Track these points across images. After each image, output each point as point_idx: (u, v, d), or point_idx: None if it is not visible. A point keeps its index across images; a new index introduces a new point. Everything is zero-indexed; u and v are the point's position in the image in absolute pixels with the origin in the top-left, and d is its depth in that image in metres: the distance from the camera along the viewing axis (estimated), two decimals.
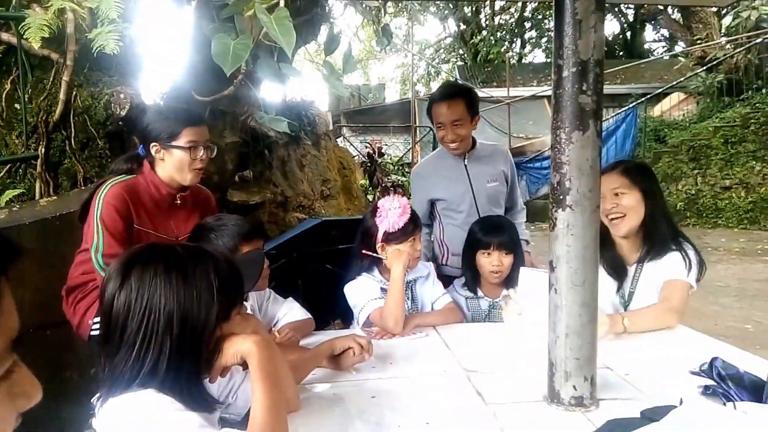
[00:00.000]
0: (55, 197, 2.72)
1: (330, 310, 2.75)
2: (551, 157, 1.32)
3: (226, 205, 4.36)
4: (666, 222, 1.99)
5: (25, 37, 2.63)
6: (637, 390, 1.43)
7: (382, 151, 9.39)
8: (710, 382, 1.34)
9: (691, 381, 1.43)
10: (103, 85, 2.92)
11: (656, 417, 1.07)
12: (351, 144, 9.99)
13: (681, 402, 1.08)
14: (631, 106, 11.53)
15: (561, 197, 1.29)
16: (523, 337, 1.84)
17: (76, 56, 2.85)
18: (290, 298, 2.06)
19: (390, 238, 2.02)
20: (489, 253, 2.19)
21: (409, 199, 2.36)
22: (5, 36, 2.80)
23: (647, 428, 0.97)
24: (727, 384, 1.28)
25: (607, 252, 2.04)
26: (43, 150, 2.78)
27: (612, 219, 1.97)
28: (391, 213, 2.01)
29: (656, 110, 12.45)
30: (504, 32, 17.45)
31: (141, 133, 2.08)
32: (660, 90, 11.97)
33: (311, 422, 1.28)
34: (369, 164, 8.25)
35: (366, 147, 9.24)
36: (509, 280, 2.22)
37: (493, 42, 16.45)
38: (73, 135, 2.85)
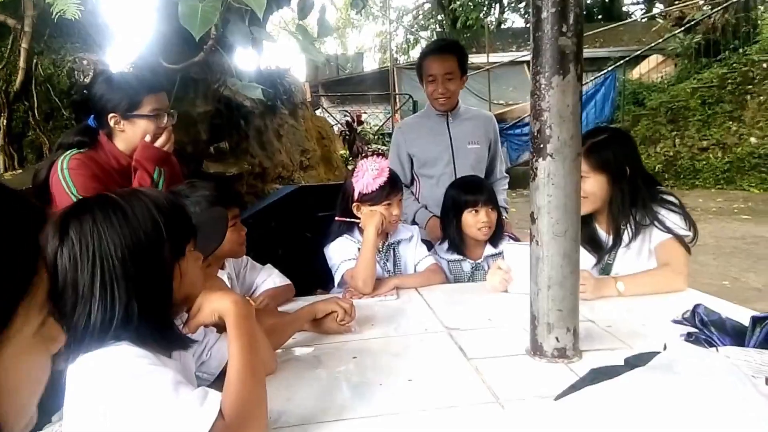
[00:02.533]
0: (21, 170, 2.61)
1: (311, 277, 2.72)
2: (530, 104, 1.27)
3: (202, 178, 4.26)
4: (639, 199, 1.90)
5: None
6: (619, 341, 1.43)
7: (362, 119, 9.26)
8: (693, 329, 1.34)
9: (674, 329, 1.43)
10: (65, 52, 2.79)
11: (640, 363, 1.05)
12: (330, 114, 9.83)
13: (665, 347, 1.06)
14: (609, 69, 11.50)
15: (541, 146, 1.25)
16: (506, 296, 1.84)
17: (35, 22, 2.70)
18: (268, 265, 2.02)
19: (364, 198, 1.98)
20: (477, 211, 2.16)
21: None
22: None
23: (632, 373, 0.95)
24: (709, 330, 1.27)
25: (582, 226, 2.00)
26: (4, 122, 2.66)
27: None
28: (367, 174, 1.97)
29: (635, 73, 12.45)
30: None
31: (96, 105, 1.94)
32: (638, 52, 11.94)
33: (290, 385, 1.25)
34: (348, 133, 8.12)
35: (345, 116, 9.10)
36: (493, 238, 2.21)
37: (471, 7, 16.20)
38: (36, 105, 2.73)
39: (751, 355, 1.16)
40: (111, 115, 1.85)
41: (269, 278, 1.95)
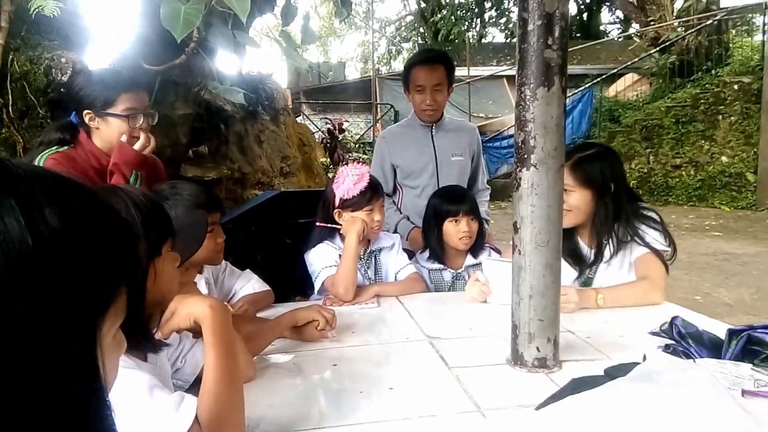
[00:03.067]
0: None
1: (291, 284, 2.69)
2: (515, 115, 1.28)
3: (180, 181, 4.20)
4: (622, 215, 1.91)
5: None
6: (599, 351, 1.44)
7: (343, 127, 9.27)
8: (670, 341, 1.36)
9: (652, 341, 1.44)
10: (42, 50, 2.73)
11: (620, 374, 1.06)
12: (311, 122, 9.81)
13: (644, 358, 1.07)
14: (587, 86, 11.73)
15: (525, 156, 1.26)
16: (486, 306, 1.84)
17: (12, 17, 2.64)
18: (247, 270, 1.99)
19: (346, 204, 1.97)
20: (457, 220, 2.17)
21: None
22: None
23: (613, 383, 0.95)
24: (687, 342, 1.29)
25: (564, 239, 2.01)
26: None
27: None
28: (348, 179, 1.96)
29: (611, 90, 12.72)
30: (464, 11, 17.40)
31: (73, 99, 1.90)
32: (615, 71, 12.21)
33: (269, 391, 1.22)
34: (329, 141, 8.11)
35: (327, 124, 9.09)
36: (474, 248, 2.22)
37: (453, 21, 16.39)
38: (11, 102, 2.65)
39: (727, 368, 1.18)
40: (86, 111, 1.81)
41: (248, 284, 1.92)
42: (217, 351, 0.94)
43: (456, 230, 2.17)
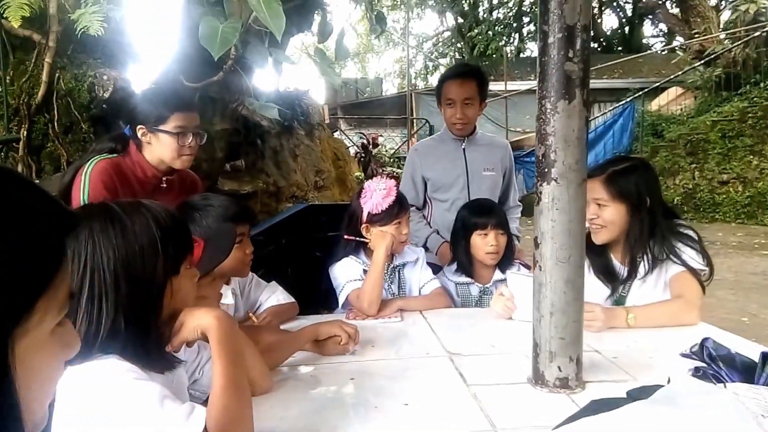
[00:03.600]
0: (37, 181, 2.65)
1: (318, 297, 2.71)
2: (536, 129, 1.26)
3: (216, 194, 4.30)
4: (657, 230, 1.85)
5: (4, 16, 2.57)
6: (625, 372, 1.39)
7: (377, 142, 9.33)
8: (701, 363, 1.30)
9: (682, 363, 1.38)
10: (87, 68, 2.86)
11: (643, 396, 1.02)
12: (347, 137, 9.92)
13: (669, 381, 1.03)
14: (628, 100, 11.48)
15: (546, 170, 1.23)
16: (510, 322, 1.80)
17: (59, 37, 2.78)
18: (273, 282, 2.01)
19: (374, 219, 1.97)
20: (485, 234, 2.14)
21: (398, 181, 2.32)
22: None
23: (632, 405, 0.92)
24: (717, 365, 1.23)
25: (597, 256, 1.97)
26: (25, 133, 2.72)
27: (592, 227, 1.90)
28: (376, 194, 1.97)
29: (654, 105, 12.40)
30: (502, 26, 17.35)
31: (128, 114, 2.00)
32: (657, 84, 11.90)
33: (284, 403, 1.23)
34: (363, 155, 8.17)
35: (361, 138, 9.17)
36: (502, 263, 2.18)
37: (491, 36, 16.36)
38: (56, 118, 2.79)
39: (760, 393, 1.12)
40: (139, 126, 1.90)
41: (273, 295, 1.94)
42: (224, 361, 0.95)
43: (483, 243, 2.15)
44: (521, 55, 19.08)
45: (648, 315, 1.77)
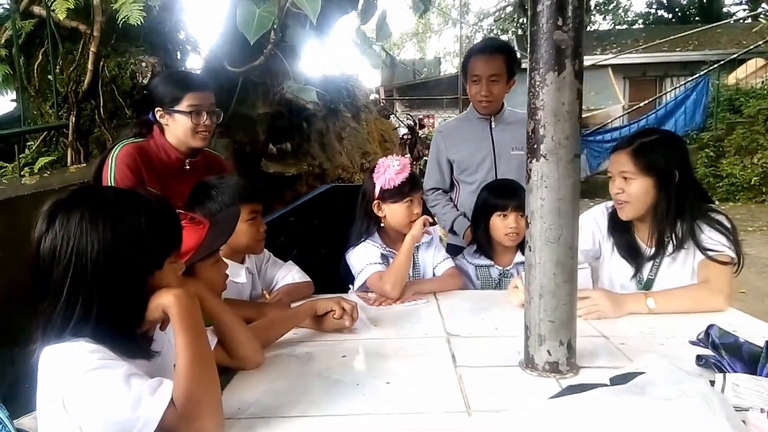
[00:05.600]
0: (84, 164, 2.82)
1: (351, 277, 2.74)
2: (527, 102, 1.21)
3: (260, 177, 4.41)
4: (686, 208, 1.76)
5: (52, 9, 2.72)
6: (627, 359, 1.32)
7: (424, 123, 9.24)
8: (707, 351, 1.22)
9: (691, 351, 1.30)
10: (129, 56, 2.99)
11: (623, 383, 0.97)
12: (398, 118, 9.86)
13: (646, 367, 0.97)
14: (701, 73, 10.72)
15: (535, 146, 1.18)
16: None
17: (103, 27, 2.92)
18: (290, 261, 2.05)
19: (385, 195, 1.96)
20: (505, 215, 2.09)
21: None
22: (36, 9, 2.91)
23: (596, 390, 0.87)
24: (720, 353, 1.15)
25: (621, 234, 1.90)
26: (73, 119, 2.89)
27: (617, 203, 1.82)
28: (389, 170, 1.95)
29: (731, 78, 11.52)
30: None
31: (148, 98, 2.10)
32: (735, 55, 11.03)
33: (272, 377, 1.26)
34: (410, 136, 8.11)
35: (407, 119, 9.11)
36: (523, 245, 2.12)
37: None
38: (101, 104, 2.94)
39: (762, 385, 1.04)
40: (157, 108, 1.98)
41: (289, 274, 1.98)
42: (185, 336, 0.98)
43: (503, 225, 2.09)
44: (588, 28, 18.23)
45: (670, 300, 1.67)
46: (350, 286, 2.05)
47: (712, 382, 1.07)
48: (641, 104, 11.71)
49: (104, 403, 0.90)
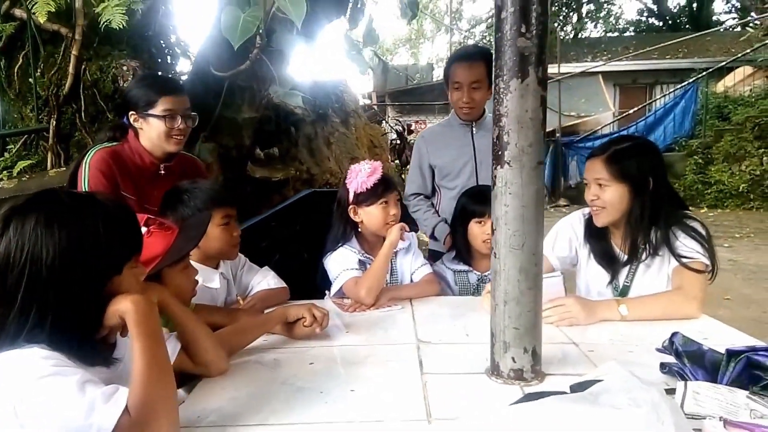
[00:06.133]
0: (64, 168, 2.80)
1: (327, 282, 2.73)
2: (492, 110, 1.21)
3: (246, 181, 4.39)
4: (661, 215, 1.77)
5: (33, 12, 2.71)
6: (594, 366, 1.31)
7: (412, 129, 9.27)
8: (671, 359, 1.22)
9: (659, 358, 1.30)
10: (111, 59, 2.98)
11: (581, 390, 0.96)
12: (388, 124, 9.88)
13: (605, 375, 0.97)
14: (690, 81, 10.81)
15: (499, 153, 1.18)
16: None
17: (85, 31, 2.91)
18: (266, 267, 2.03)
19: (360, 199, 1.97)
20: (483, 222, 2.09)
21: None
22: (18, 12, 2.90)
23: (550, 398, 0.87)
24: (683, 361, 1.15)
25: (597, 241, 1.90)
26: (54, 122, 2.87)
27: (592, 209, 1.83)
28: (360, 174, 1.96)
29: (720, 86, 11.62)
30: (558, 6, 16.70)
31: (122, 102, 2.09)
32: (723, 63, 11.13)
33: (236, 384, 1.25)
34: (398, 142, 8.12)
35: (396, 125, 9.14)
36: None
37: None
38: (83, 108, 2.93)
39: (721, 393, 1.04)
40: (131, 112, 1.96)
41: (264, 280, 1.96)
42: (141, 342, 0.97)
43: (481, 232, 2.09)
44: (580, 35, 18.36)
45: (643, 307, 1.68)
46: (327, 291, 2.04)
47: (674, 390, 1.08)
48: (631, 111, 11.79)
49: (57, 411, 0.88)
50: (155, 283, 1.25)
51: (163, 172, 2.06)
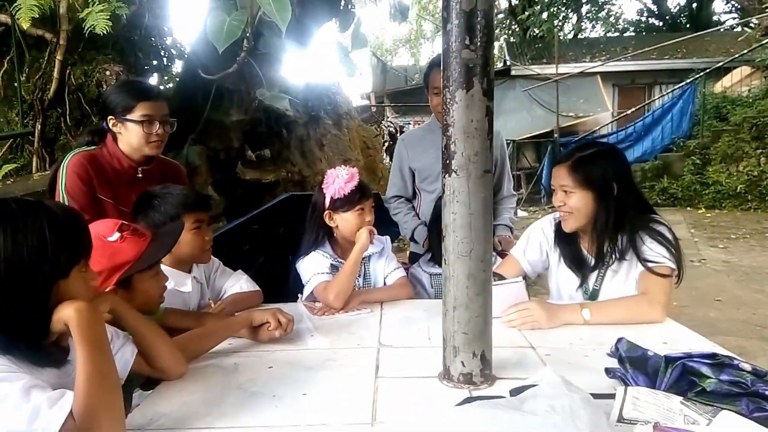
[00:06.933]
0: (48, 171, 2.83)
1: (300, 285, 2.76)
2: (442, 120, 1.23)
3: (236, 184, 4.43)
4: (627, 220, 1.79)
5: (16, 17, 2.74)
6: (555, 372, 1.33)
7: (404, 130, 9.30)
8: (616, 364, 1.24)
9: (611, 363, 1.32)
10: (96, 64, 3.01)
11: (516, 395, 0.99)
12: (382, 126, 9.91)
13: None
14: (688, 81, 10.79)
15: (447, 161, 1.20)
16: None
17: (69, 36, 2.94)
18: (239, 271, 2.06)
19: (336, 205, 1.99)
20: None
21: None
22: (2, 17, 2.93)
23: (476, 403, 0.89)
24: (625, 367, 1.17)
25: (567, 245, 1.93)
26: (39, 126, 2.90)
27: (561, 215, 1.86)
28: (338, 180, 1.98)
29: (718, 86, 11.59)
30: (557, 7, 16.68)
31: (101, 107, 2.12)
32: (721, 63, 11.10)
33: (191, 388, 1.27)
34: (391, 143, 8.15)
35: (388, 126, 9.18)
36: None
37: (544, 18, 15.78)
38: (68, 112, 2.96)
39: (659, 399, 1.06)
40: (110, 117, 2.00)
41: (237, 284, 1.99)
42: (85, 349, 0.99)
43: None
44: (580, 35, 18.32)
45: (606, 311, 1.70)
46: (299, 295, 2.07)
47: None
48: (629, 111, 11.77)
49: (0, 416, 0.91)
50: (107, 292, 1.27)
51: (140, 175, 2.09)
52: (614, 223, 1.79)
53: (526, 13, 15.67)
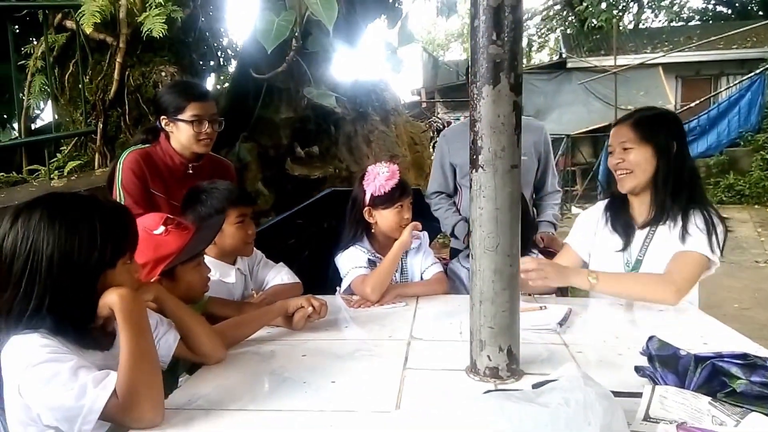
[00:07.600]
0: (108, 168, 3.01)
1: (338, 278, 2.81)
2: (469, 115, 1.24)
3: (285, 179, 4.55)
4: (684, 183, 1.78)
5: (80, 23, 2.92)
6: (578, 368, 1.32)
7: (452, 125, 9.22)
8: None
9: (640, 361, 1.29)
10: (153, 65, 3.17)
11: (536, 389, 0.99)
12: (429, 122, 9.87)
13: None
14: (757, 72, 10.18)
15: (474, 157, 1.21)
16: None
17: (128, 39, 3.10)
18: (281, 263, 2.13)
19: (376, 202, 2.02)
20: None
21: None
22: (68, 23, 3.13)
23: (494, 394, 0.90)
24: (654, 365, 1.15)
25: (617, 211, 1.92)
26: (101, 125, 3.09)
27: (618, 174, 1.84)
28: (379, 177, 2.01)
29: None
30: None
31: (155, 107, 2.25)
32: None
33: (227, 373, 1.34)
34: (438, 139, 8.10)
35: (436, 122, 9.13)
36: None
37: (603, 8, 15.24)
38: (127, 111, 3.13)
39: (687, 399, 1.04)
40: (162, 116, 2.12)
41: (278, 275, 2.06)
42: (126, 333, 1.07)
43: None
44: (640, 26, 17.60)
45: (616, 281, 1.72)
46: (337, 288, 2.12)
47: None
48: (693, 104, 11.24)
49: (51, 393, 1.00)
50: (152, 282, 1.36)
51: (191, 171, 2.20)
52: (674, 181, 1.76)
53: (585, 4, 15.18)
